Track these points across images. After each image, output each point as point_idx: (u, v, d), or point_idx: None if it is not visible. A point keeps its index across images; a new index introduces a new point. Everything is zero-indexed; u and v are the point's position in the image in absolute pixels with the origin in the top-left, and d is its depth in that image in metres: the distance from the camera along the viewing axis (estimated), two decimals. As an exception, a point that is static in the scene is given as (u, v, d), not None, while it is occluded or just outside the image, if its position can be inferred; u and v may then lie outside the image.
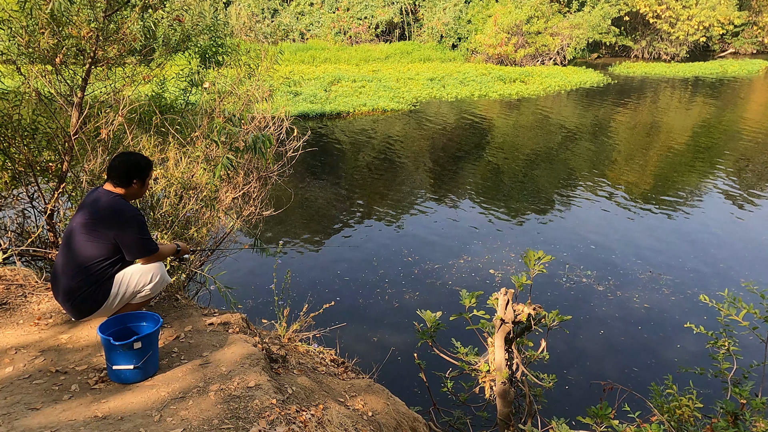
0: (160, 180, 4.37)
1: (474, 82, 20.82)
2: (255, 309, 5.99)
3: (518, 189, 10.35)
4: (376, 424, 2.94)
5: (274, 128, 5.52)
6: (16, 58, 4.17)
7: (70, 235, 2.96)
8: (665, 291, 6.62)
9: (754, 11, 30.85)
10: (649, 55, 30.29)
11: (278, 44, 25.79)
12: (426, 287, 6.65)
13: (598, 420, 2.70)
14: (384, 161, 12.02)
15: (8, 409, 2.34)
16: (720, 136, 14.45)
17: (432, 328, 3.50)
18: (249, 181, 5.26)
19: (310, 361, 3.61)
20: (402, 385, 4.73)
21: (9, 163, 4.24)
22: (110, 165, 3.06)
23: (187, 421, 2.31)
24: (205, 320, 3.25)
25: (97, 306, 3.01)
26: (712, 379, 3.25)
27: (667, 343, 5.66)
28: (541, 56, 26.21)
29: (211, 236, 4.99)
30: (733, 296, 3.11)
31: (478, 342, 3.61)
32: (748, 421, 2.71)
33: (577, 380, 5.08)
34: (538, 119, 16.16)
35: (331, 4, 28.58)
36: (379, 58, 25.20)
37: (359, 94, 18.01)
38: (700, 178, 11.09)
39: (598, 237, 8.14)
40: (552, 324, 3.18)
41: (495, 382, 3.36)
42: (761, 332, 3.09)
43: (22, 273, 3.62)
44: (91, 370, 2.70)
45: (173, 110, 5.40)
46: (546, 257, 3.30)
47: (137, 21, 4.47)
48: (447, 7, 27.68)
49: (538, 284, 6.53)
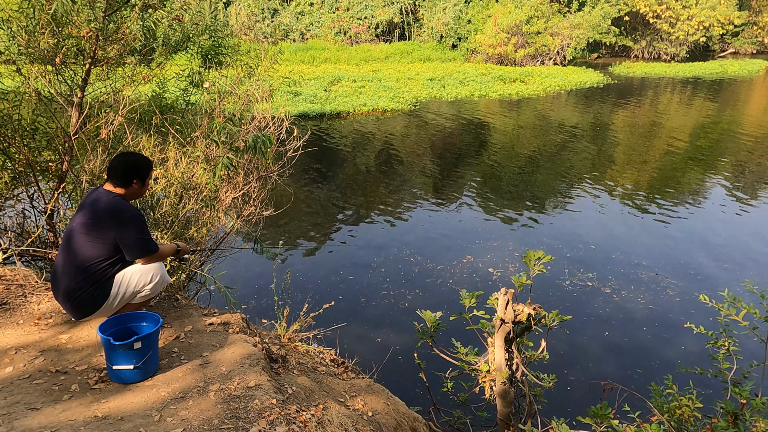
0: (160, 180, 4.37)
1: (474, 82, 20.82)
2: (255, 309, 5.99)
3: (518, 189, 10.35)
4: (376, 424, 2.94)
5: (274, 128, 5.52)
6: (16, 58, 4.17)
7: (70, 235, 2.96)
8: (666, 291, 6.62)
9: (754, 11, 30.85)
10: (649, 55, 30.30)
11: (278, 44, 25.76)
12: (426, 287, 6.65)
13: (598, 420, 2.70)
14: (384, 161, 12.02)
15: (8, 409, 2.34)
16: (720, 136, 14.45)
17: (432, 328, 3.50)
18: (249, 181, 5.26)
19: (310, 361, 3.61)
20: (402, 385, 4.73)
21: (9, 163, 4.24)
22: (110, 165, 3.06)
23: (187, 421, 2.31)
24: (205, 320, 3.25)
25: (97, 306, 3.01)
26: (712, 379, 3.24)
27: (667, 343, 5.66)
28: (541, 56, 26.22)
29: (211, 236, 4.99)
30: (733, 296, 3.11)
31: (478, 342, 3.61)
32: (748, 421, 2.71)
33: (577, 380, 5.08)
34: (538, 119, 16.16)
35: (331, 4, 28.58)
36: (379, 58, 25.20)
37: (359, 94, 18.01)
38: (701, 177, 11.09)
39: (598, 237, 8.14)
40: (552, 324, 3.18)
41: (495, 382, 3.36)
42: (761, 332, 3.09)
43: (22, 273, 3.62)
44: (91, 370, 2.70)
45: (173, 110, 5.39)
46: (546, 257, 3.30)
47: (137, 21, 4.47)
48: (447, 7, 27.69)
49: (539, 284, 6.53)
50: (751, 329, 2.99)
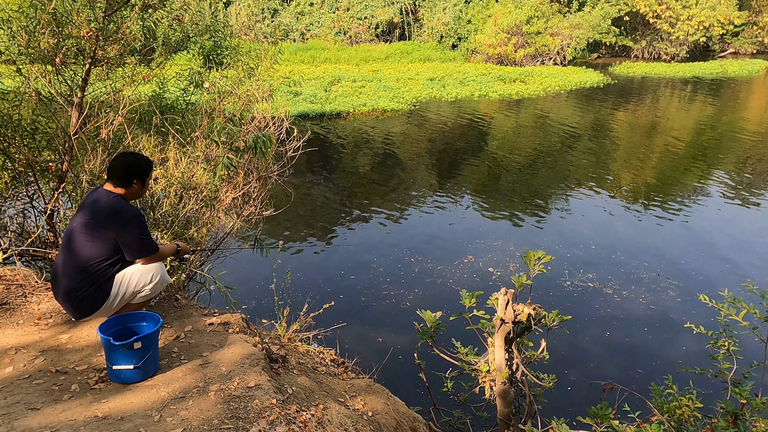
0: (160, 180, 4.37)
1: (474, 82, 20.82)
2: (255, 309, 5.99)
3: (519, 189, 10.35)
4: (376, 424, 2.94)
5: (274, 128, 5.52)
6: (16, 58, 4.17)
7: (71, 236, 2.96)
8: (666, 291, 6.62)
9: (754, 11, 30.85)
10: (649, 55, 30.29)
11: (278, 44, 25.76)
12: (426, 287, 6.65)
13: (598, 420, 2.70)
14: (384, 161, 12.02)
15: (8, 409, 2.34)
16: (720, 136, 14.45)
17: (432, 328, 3.50)
18: (249, 181, 5.26)
19: (310, 361, 3.60)
20: (402, 385, 4.73)
21: (9, 163, 4.24)
22: (110, 165, 3.06)
23: (187, 421, 2.31)
24: (205, 320, 3.25)
25: (97, 306, 3.01)
26: (712, 379, 3.25)
27: (668, 343, 5.66)
28: (541, 56, 26.21)
29: (211, 236, 4.99)
30: (733, 296, 3.11)
31: (478, 342, 3.61)
32: (748, 421, 2.71)
33: (578, 380, 5.08)
34: (538, 119, 16.16)
35: (331, 4, 28.58)
36: (379, 58, 25.20)
37: (359, 94, 18.01)
38: (701, 177, 11.09)
39: (599, 237, 8.14)
40: (552, 324, 3.18)
41: (495, 382, 3.36)
42: (761, 332, 3.09)
43: (22, 273, 3.62)
44: (91, 370, 2.70)
45: (173, 110, 5.39)
46: (546, 257, 3.30)
47: (137, 21, 4.47)
48: (447, 7, 27.69)
49: (539, 284, 6.53)
50: (751, 329, 2.99)
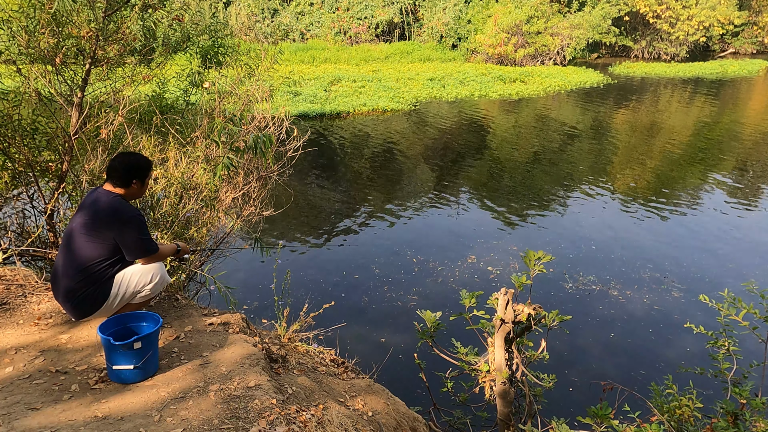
0: (160, 180, 4.37)
1: (474, 82, 20.82)
2: (255, 309, 5.99)
3: (519, 189, 10.35)
4: (376, 424, 2.94)
5: (274, 128, 5.52)
6: (16, 58, 4.17)
7: (70, 236, 2.96)
8: (667, 291, 6.62)
9: (754, 11, 30.86)
10: (649, 55, 30.29)
11: (278, 44, 25.76)
12: (426, 287, 6.65)
13: (598, 420, 2.70)
14: (384, 161, 12.02)
15: (8, 409, 2.34)
16: (720, 136, 14.45)
17: (432, 328, 3.50)
18: (249, 181, 5.26)
19: (310, 361, 3.60)
20: (402, 385, 4.72)
21: (9, 163, 4.24)
22: (110, 165, 3.06)
23: (187, 421, 2.31)
24: (205, 320, 3.25)
25: (97, 306, 3.01)
26: (712, 379, 3.25)
27: (670, 343, 5.66)
28: (541, 56, 26.21)
29: (211, 236, 4.99)
30: (733, 296, 3.10)
31: (478, 342, 3.61)
32: (748, 421, 2.71)
33: (578, 380, 5.08)
34: (538, 119, 16.16)
35: (331, 4, 28.58)
36: (379, 58, 25.20)
37: (359, 94, 18.01)
38: (701, 177, 11.09)
39: (599, 237, 8.14)
40: (552, 324, 3.18)
41: (495, 382, 3.36)
42: (761, 332, 3.09)
43: (22, 273, 3.62)
44: (91, 370, 2.70)
45: (173, 110, 5.39)
46: (546, 257, 3.30)
47: (137, 21, 4.47)
48: (447, 7, 27.69)
49: (540, 284, 6.53)
50: (751, 329, 2.99)
